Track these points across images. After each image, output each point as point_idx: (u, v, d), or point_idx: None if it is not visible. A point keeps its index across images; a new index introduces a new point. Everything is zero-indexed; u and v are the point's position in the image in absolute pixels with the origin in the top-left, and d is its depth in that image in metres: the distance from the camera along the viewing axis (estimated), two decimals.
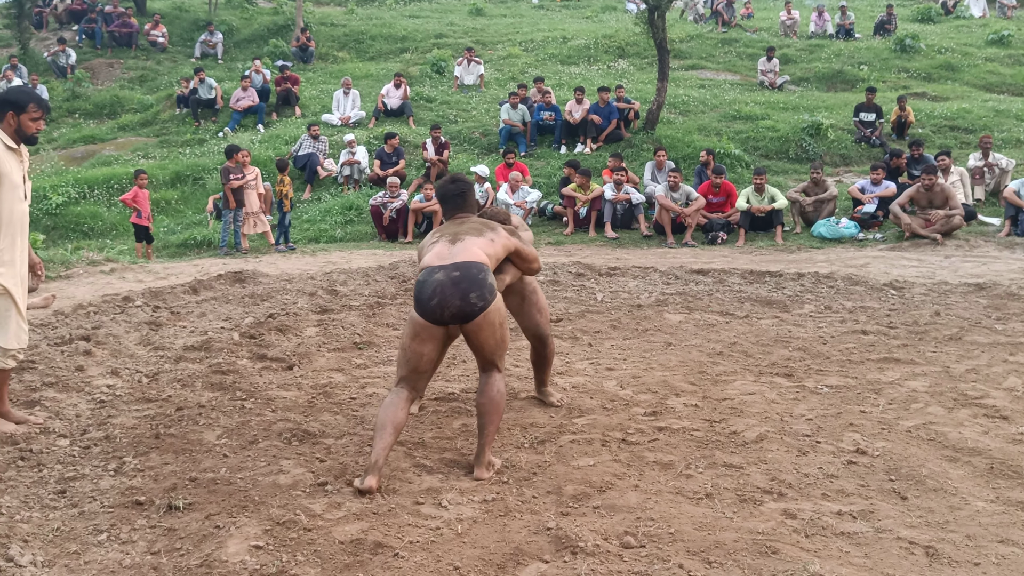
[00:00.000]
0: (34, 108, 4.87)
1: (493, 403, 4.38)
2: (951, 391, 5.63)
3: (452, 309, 4.25)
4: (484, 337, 4.35)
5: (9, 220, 4.81)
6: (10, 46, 23.32)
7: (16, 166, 4.86)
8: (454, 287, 4.25)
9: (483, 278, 4.31)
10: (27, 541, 3.65)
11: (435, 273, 4.32)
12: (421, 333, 4.34)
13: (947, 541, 3.58)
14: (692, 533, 3.63)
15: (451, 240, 4.48)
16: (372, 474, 4.10)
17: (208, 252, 12.99)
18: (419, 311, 4.33)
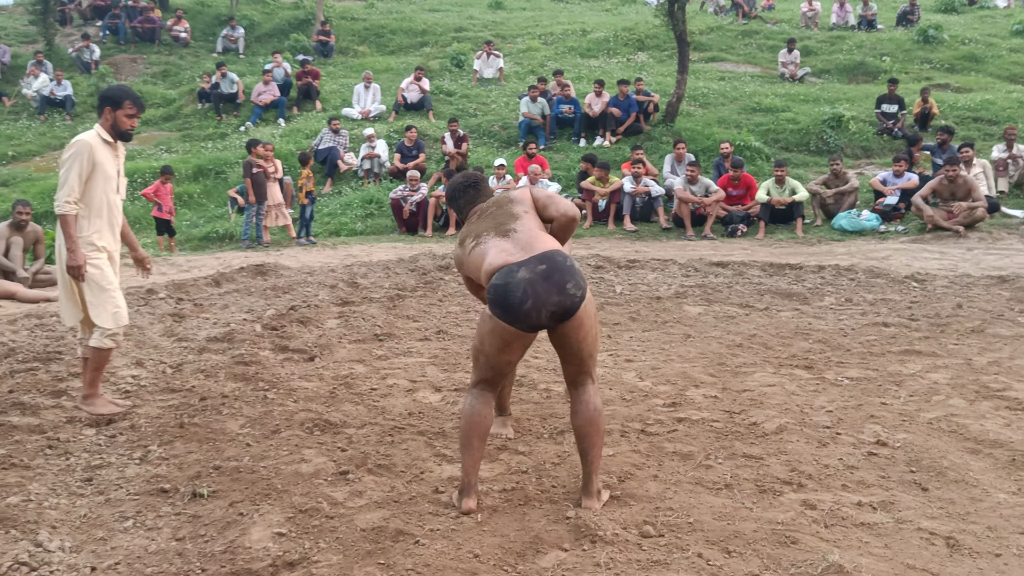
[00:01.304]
0: (129, 105, 5.06)
1: (594, 425, 3.80)
2: (973, 383, 5.60)
3: (551, 307, 3.65)
4: (584, 333, 3.76)
5: (100, 209, 5.04)
6: (36, 42, 23.53)
7: (111, 159, 5.08)
8: (547, 281, 3.65)
9: (571, 264, 3.73)
10: (55, 527, 3.72)
11: (516, 272, 3.67)
12: (513, 343, 3.78)
13: (968, 532, 3.58)
14: (711, 523, 3.65)
15: (500, 233, 3.88)
16: (467, 496, 3.83)
17: (230, 245, 13.08)
18: (509, 319, 3.69)
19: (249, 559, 3.43)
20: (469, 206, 4.24)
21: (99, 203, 5.05)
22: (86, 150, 4.94)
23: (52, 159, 17.43)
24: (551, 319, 3.69)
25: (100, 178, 5.02)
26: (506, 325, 3.71)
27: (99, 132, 5.07)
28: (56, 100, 19.99)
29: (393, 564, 3.35)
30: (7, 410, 5.17)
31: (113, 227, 5.16)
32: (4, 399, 5.36)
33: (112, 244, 5.16)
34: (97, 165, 4.99)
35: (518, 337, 3.76)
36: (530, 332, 3.76)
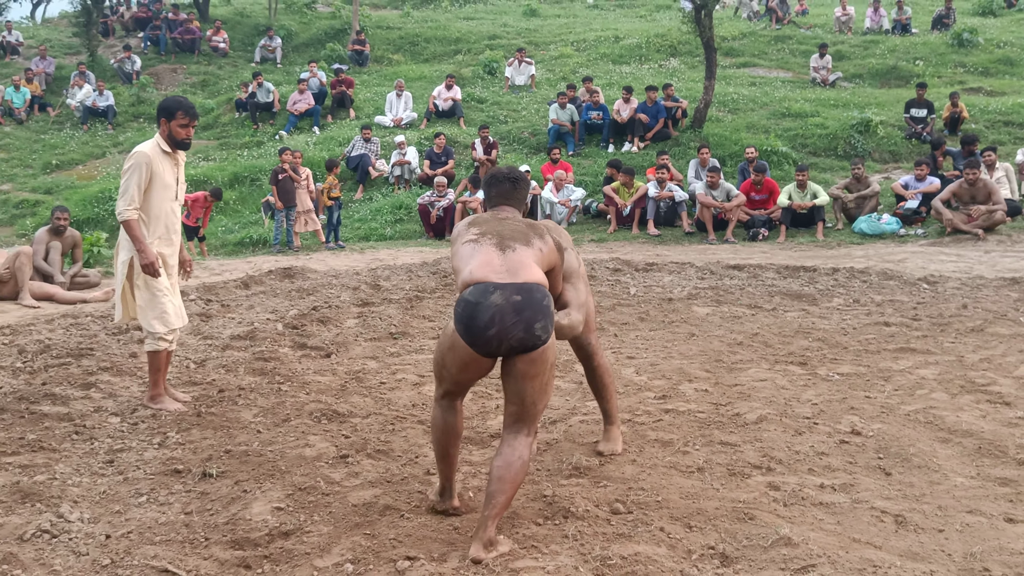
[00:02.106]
0: (182, 115, 5.28)
1: (510, 470, 3.54)
2: (959, 379, 5.78)
3: (513, 341, 3.52)
4: (533, 376, 3.59)
5: (158, 217, 5.31)
6: (79, 53, 24.28)
7: (170, 169, 5.34)
8: (516, 315, 3.50)
9: (547, 304, 3.59)
10: (76, 502, 4.05)
11: (490, 295, 3.52)
12: (470, 365, 3.65)
13: (918, 511, 3.79)
14: (677, 501, 3.90)
15: (498, 245, 3.68)
16: (447, 497, 3.90)
17: (263, 250, 13.50)
18: (468, 339, 3.56)
19: (248, 529, 3.74)
20: (499, 199, 4.02)
21: (157, 211, 5.29)
22: (144, 161, 5.18)
23: (94, 168, 18.04)
24: (509, 352, 3.57)
25: (159, 187, 5.27)
26: (464, 344, 3.58)
27: (158, 142, 5.30)
28: (98, 110, 20.61)
29: (377, 534, 3.65)
30: (39, 400, 5.54)
31: (170, 234, 5.41)
32: (37, 390, 5.73)
33: (168, 251, 5.41)
34: (155, 175, 5.24)
35: (475, 360, 3.61)
36: (487, 358, 3.61)
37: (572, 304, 4.06)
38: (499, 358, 3.64)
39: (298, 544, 3.62)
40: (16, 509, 3.95)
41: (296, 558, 3.51)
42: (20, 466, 4.46)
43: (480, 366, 3.65)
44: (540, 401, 3.66)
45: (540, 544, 3.53)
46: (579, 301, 4.11)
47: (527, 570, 3.29)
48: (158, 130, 5.38)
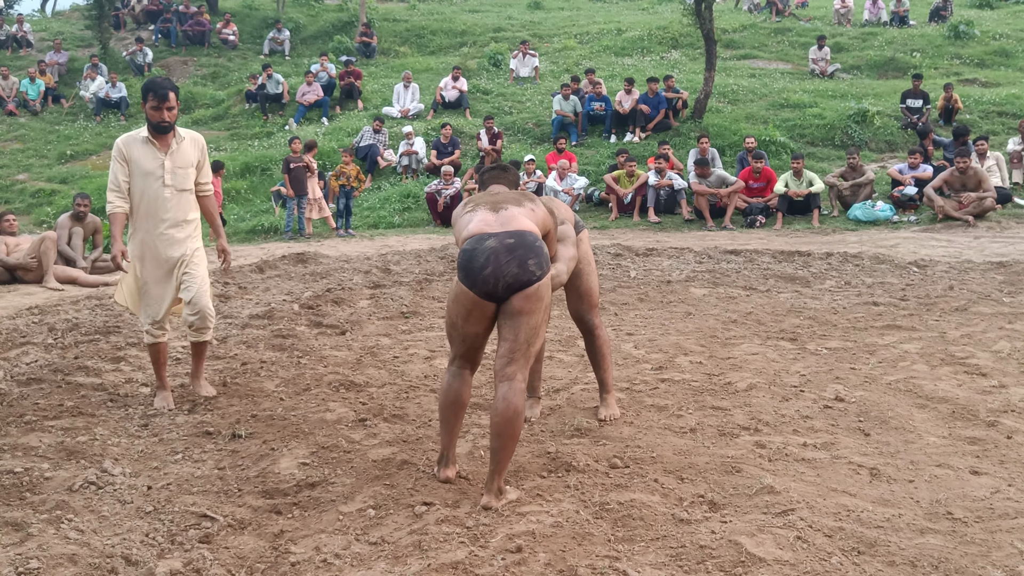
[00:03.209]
0: (151, 97, 5.07)
1: (506, 421, 3.79)
2: (940, 352, 6.12)
3: (508, 278, 3.77)
4: (528, 313, 3.82)
5: (137, 206, 5.13)
6: (91, 46, 24.62)
7: (150, 154, 5.10)
8: (510, 254, 3.79)
9: (539, 245, 3.88)
10: (117, 459, 4.41)
11: (485, 240, 3.84)
12: (473, 311, 3.89)
13: (891, 465, 4.14)
14: (671, 457, 4.24)
15: (492, 208, 4.01)
16: (444, 465, 4.09)
17: (275, 237, 13.84)
18: (468, 283, 3.84)
19: (278, 481, 4.10)
20: (492, 181, 4.41)
21: (137, 200, 5.13)
22: (115, 151, 5.12)
23: (107, 158, 18.29)
24: (508, 290, 3.79)
25: (137, 175, 5.09)
26: (466, 289, 3.84)
27: (143, 130, 5.17)
28: (111, 102, 20.96)
29: (396, 485, 4.00)
30: (73, 372, 5.91)
31: (156, 220, 5.13)
32: (71, 364, 6.10)
33: (157, 239, 5.15)
34: (132, 163, 5.08)
35: (476, 304, 3.86)
36: (486, 300, 3.85)
37: (560, 259, 4.43)
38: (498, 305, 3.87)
39: (324, 493, 3.99)
40: (63, 465, 4.31)
41: (323, 504, 3.87)
42: (62, 429, 4.82)
43: (483, 312, 3.88)
44: (533, 341, 3.88)
45: (544, 493, 3.88)
46: (567, 256, 4.47)
47: (533, 513, 3.64)
48: None
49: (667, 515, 3.62)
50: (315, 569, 3.29)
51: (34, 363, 6.13)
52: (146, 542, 3.53)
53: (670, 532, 3.46)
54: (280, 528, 3.65)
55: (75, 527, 3.59)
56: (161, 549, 3.48)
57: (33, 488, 4.01)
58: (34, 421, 4.92)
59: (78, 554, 3.33)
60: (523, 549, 3.30)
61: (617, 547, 3.35)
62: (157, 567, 3.30)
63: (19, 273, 9.31)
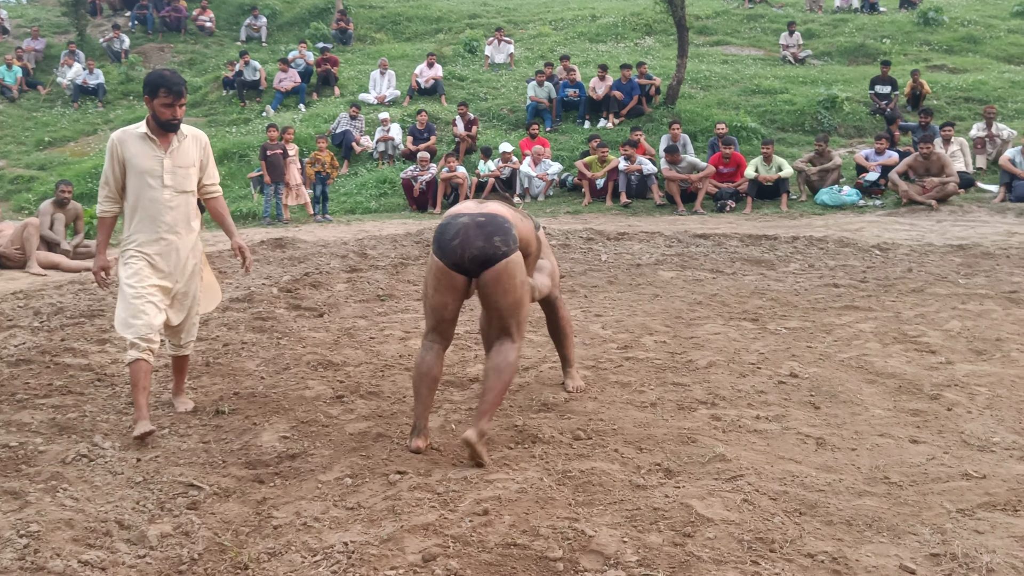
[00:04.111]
0: (164, 93, 4.65)
1: (498, 370, 4.13)
2: (894, 331, 6.42)
3: (474, 251, 4.05)
4: (501, 291, 4.11)
5: (134, 207, 4.73)
6: (68, 33, 24.61)
7: (149, 153, 4.71)
8: (478, 229, 4.09)
9: (508, 227, 4.14)
10: (107, 435, 4.63)
11: (459, 217, 4.17)
12: (443, 280, 4.17)
13: (837, 435, 4.42)
14: (631, 429, 4.51)
15: (476, 202, 4.45)
16: (417, 437, 4.29)
17: (253, 223, 14.02)
18: (438, 253, 4.15)
19: (260, 453, 4.34)
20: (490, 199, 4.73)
21: (134, 202, 4.73)
22: (110, 148, 4.72)
23: (85, 144, 18.47)
24: (473, 262, 4.08)
25: (133, 175, 4.70)
26: (436, 259, 4.16)
27: (139, 125, 4.77)
28: (89, 88, 21.00)
29: (372, 455, 4.25)
30: (60, 353, 6.11)
31: (155, 224, 4.72)
32: (58, 345, 6.30)
33: (155, 244, 4.74)
34: (127, 161, 4.69)
35: (445, 274, 4.14)
36: (455, 271, 4.12)
37: (542, 271, 4.79)
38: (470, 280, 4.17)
39: (303, 464, 4.23)
40: (55, 439, 4.53)
41: (302, 474, 4.12)
42: (52, 406, 5.04)
43: (451, 282, 4.17)
44: (515, 314, 4.21)
45: (511, 463, 4.13)
46: (548, 270, 4.87)
47: (500, 481, 3.89)
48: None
49: (625, 481, 3.87)
50: (296, 531, 3.53)
51: (22, 345, 6.33)
52: (137, 509, 3.76)
53: (627, 496, 3.72)
54: (263, 496, 3.90)
55: (70, 495, 3.82)
56: (151, 515, 3.71)
57: (28, 461, 4.23)
58: (25, 399, 5.13)
59: (74, 519, 3.55)
60: (489, 512, 3.55)
61: (577, 510, 3.60)
62: (148, 530, 3.53)
63: (2, 259, 9.46)
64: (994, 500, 3.64)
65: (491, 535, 3.38)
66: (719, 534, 3.34)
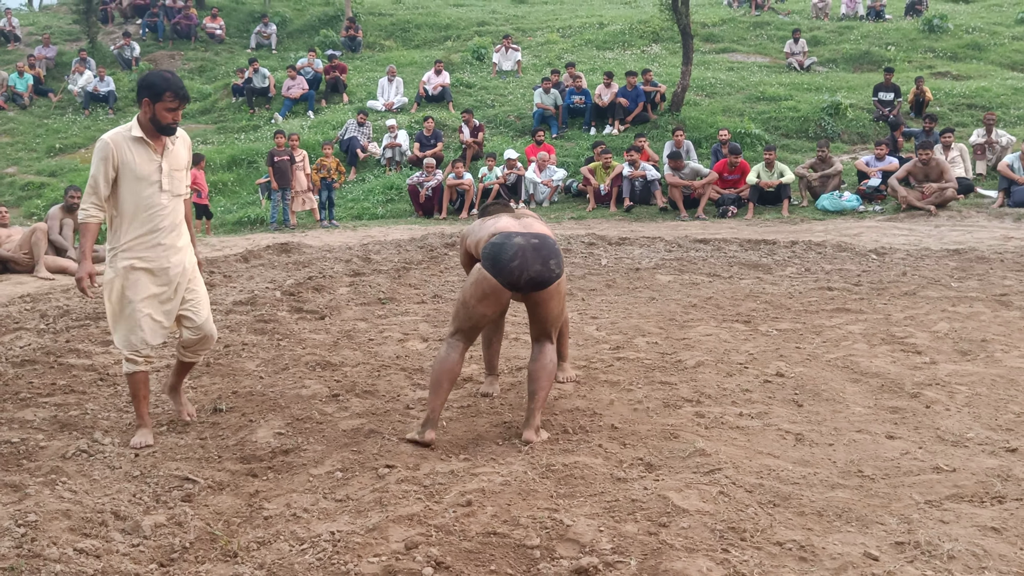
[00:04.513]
0: (170, 97, 4.49)
1: (545, 371, 4.52)
2: (882, 333, 6.52)
3: (531, 273, 4.34)
4: (551, 306, 4.49)
5: (133, 215, 4.50)
6: (79, 40, 24.89)
7: (145, 156, 4.50)
8: (535, 252, 4.35)
9: (558, 249, 4.49)
10: (107, 431, 4.78)
11: (514, 237, 4.38)
12: (490, 296, 4.39)
13: (816, 431, 4.54)
14: (617, 426, 4.63)
15: (512, 217, 4.67)
16: (430, 428, 4.44)
17: (261, 228, 14.21)
18: (494, 272, 4.34)
19: (254, 449, 4.48)
20: (496, 210, 5.04)
21: (132, 208, 4.48)
22: (104, 152, 4.44)
23: None
24: (528, 285, 4.38)
25: (129, 179, 4.46)
26: (491, 277, 4.36)
27: (131, 127, 4.54)
28: (99, 96, 21.25)
29: (363, 451, 4.39)
30: (64, 354, 6.26)
31: (153, 231, 4.53)
32: (62, 347, 6.46)
33: (152, 251, 4.54)
34: (123, 165, 4.44)
35: (497, 291, 4.38)
36: (508, 289, 4.39)
37: None
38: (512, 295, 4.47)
39: (296, 459, 4.37)
40: (56, 436, 4.68)
41: (295, 468, 4.26)
42: (55, 404, 5.19)
43: (499, 298, 4.45)
44: (557, 321, 4.64)
45: (498, 457, 4.26)
46: None
47: (485, 474, 4.01)
48: (140, 111, 4.57)
49: (607, 475, 3.99)
50: (285, 522, 3.66)
51: (27, 346, 6.49)
52: (133, 501, 3.89)
53: (607, 489, 3.84)
54: (255, 488, 4.03)
55: (68, 488, 3.96)
56: (147, 507, 3.85)
57: (29, 456, 4.37)
58: (28, 398, 5.29)
59: (72, 510, 3.69)
60: (473, 503, 3.68)
61: (558, 501, 3.72)
62: (143, 521, 3.67)
63: (11, 264, 9.65)
64: (962, 492, 3.75)
65: (473, 525, 3.51)
66: (693, 524, 3.45)
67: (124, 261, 4.51)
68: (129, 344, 4.55)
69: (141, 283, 4.52)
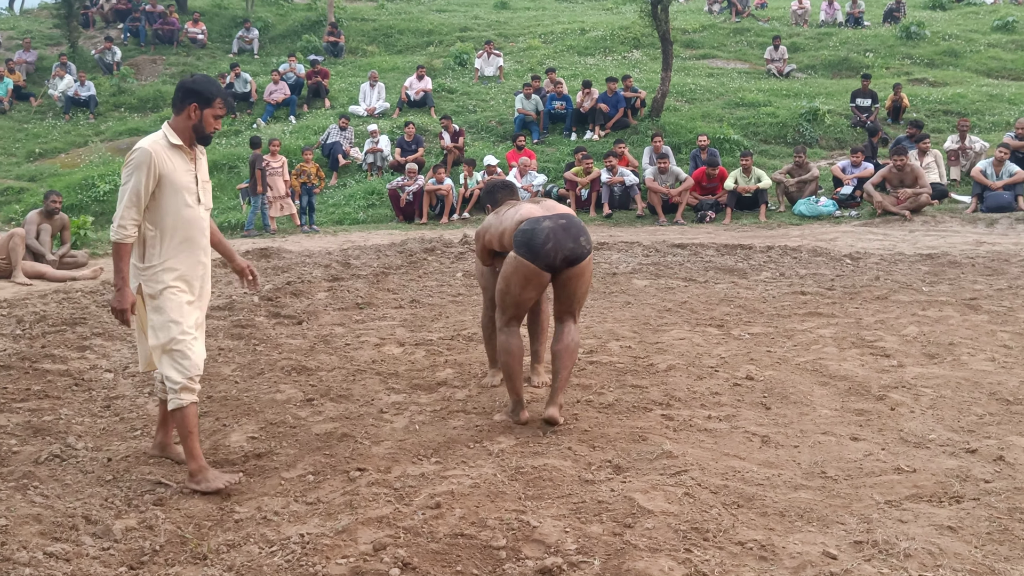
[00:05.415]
0: (220, 104, 4.23)
1: (569, 350, 4.70)
2: (852, 336, 6.60)
3: (565, 252, 4.53)
4: (581, 282, 4.68)
5: (173, 229, 4.15)
6: (60, 44, 24.83)
7: (183, 166, 4.18)
8: (565, 232, 4.54)
9: (584, 226, 4.69)
10: (80, 436, 4.81)
11: (543, 221, 4.56)
12: (532, 280, 4.61)
13: (782, 433, 4.61)
14: (587, 429, 4.69)
15: (531, 202, 4.86)
16: (523, 409, 4.73)
17: (241, 233, 14.19)
18: (530, 257, 4.53)
19: (227, 452, 4.53)
20: (505, 198, 5.22)
21: (172, 222, 4.13)
22: (145, 161, 4.04)
23: (76, 156, 18.64)
24: (564, 262, 4.57)
25: (169, 191, 4.11)
26: (527, 263, 4.55)
27: (166, 134, 4.17)
28: (80, 100, 21.20)
29: (335, 454, 4.43)
30: (40, 359, 6.28)
31: (193, 248, 4.22)
32: (38, 352, 6.47)
33: (193, 270, 4.23)
34: (164, 177, 4.09)
35: (536, 275, 4.59)
36: (546, 271, 4.59)
37: None
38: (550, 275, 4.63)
39: (269, 462, 4.41)
40: (29, 441, 4.71)
41: (267, 472, 4.30)
42: (29, 410, 5.22)
43: (540, 280, 4.64)
44: (583, 297, 4.82)
45: (469, 460, 4.31)
46: None
47: (455, 477, 4.07)
48: (175, 116, 4.22)
49: (575, 477, 4.06)
50: (256, 525, 3.71)
51: (3, 352, 6.49)
52: (105, 505, 3.93)
53: (575, 491, 3.90)
54: (227, 492, 4.07)
55: (40, 493, 3.99)
56: (118, 510, 3.89)
57: (1, 461, 4.40)
58: (2, 403, 5.31)
59: (43, 514, 3.72)
60: (442, 505, 3.73)
61: (525, 503, 3.78)
62: (114, 525, 3.70)
63: None
64: (921, 492, 3.82)
65: (441, 527, 3.56)
66: (657, 524, 3.51)
67: (162, 283, 4.11)
68: (184, 373, 4.09)
69: (186, 306, 4.16)
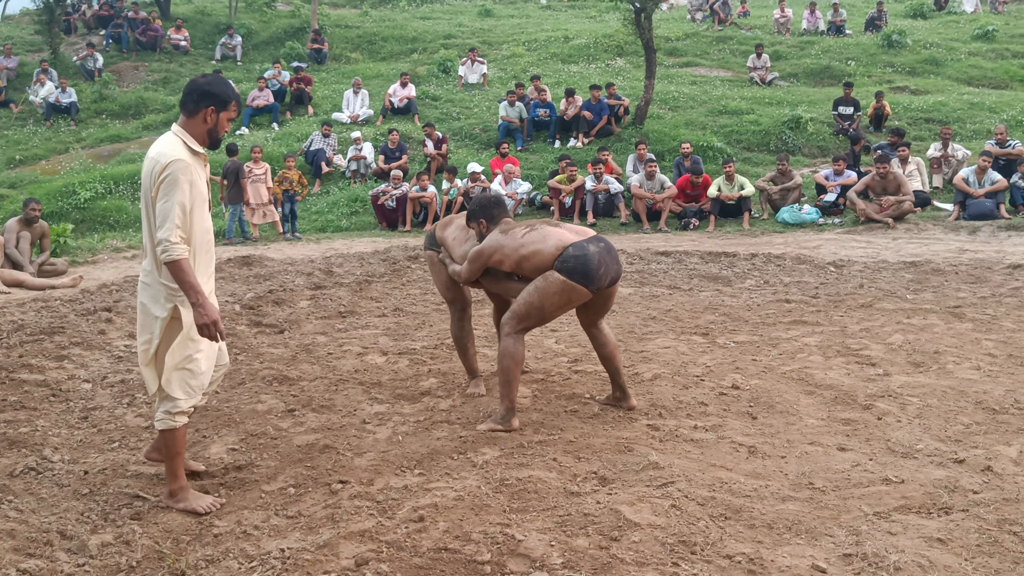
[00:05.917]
0: (235, 107, 4.06)
1: (616, 348, 5.17)
2: (838, 345, 6.59)
3: (612, 273, 4.85)
4: (613, 295, 5.05)
5: (201, 242, 3.96)
6: (41, 51, 24.61)
7: (201, 174, 3.96)
8: (609, 254, 4.83)
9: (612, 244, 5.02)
10: (56, 448, 4.72)
11: (588, 247, 4.74)
12: (575, 301, 4.80)
13: (769, 444, 4.57)
14: (571, 440, 4.64)
15: (549, 225, 4.97)
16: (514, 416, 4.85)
17: (222, 241, 14.08)
18: (584, 282, 4.70)
19: (207, 465, 4.44)
20: (501, 216, 5.20)
21: (201, 236, 3.95)
22: (183, 171, 3.78)
23: (57, 163, 18.46)
24: (610, 283, 4.86)
25: (199, 202, 3.89)
26: (579, 287, 4.70)
27: (185, 140, 3.93)
28: (61, 107, 21.00)
29: (316, 467, 4.36)
30: (17, 369, 6.17)
31: (210, 262, 4.09)
32: (15, 362, 6.36)
33: (210, 285, 4.08)
34: (195, 186, 3.84)
35: (582, 296, 4.77)
36: (593, 293, 4.79)
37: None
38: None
39: (249, 475, 4.34)
40: (4, 453, 4.62)
41: (247, 484, 4.22)
42: (4, 421, 5.12)
43: (581, 301, 4.85)
44: (611, 307, 5.18)
45: (453, 472, 4.25)
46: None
47: (439, 489, 4.01)
48: (188, 120, 3.99)
49: (560, 489, 4.00)
50: (235, 539, 3.64)
51: None
52: (81, 520, 3.85)
53: (560, 503, 3.85)
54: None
55: (15, 507, 3.91)
56: (94, 525, 3.81)
57: None
58: None
59: (16, 530, 3.64)
60: (425, 519, 3.67)
61: (510, 516, 3.72)
62: (90, 540, 3.63)
63: None
64: (909, 503, 3.79)
65: (424, 540, 3.50)
66: (644, 537, 3.46)
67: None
68: (187, 392, 3.96)
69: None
